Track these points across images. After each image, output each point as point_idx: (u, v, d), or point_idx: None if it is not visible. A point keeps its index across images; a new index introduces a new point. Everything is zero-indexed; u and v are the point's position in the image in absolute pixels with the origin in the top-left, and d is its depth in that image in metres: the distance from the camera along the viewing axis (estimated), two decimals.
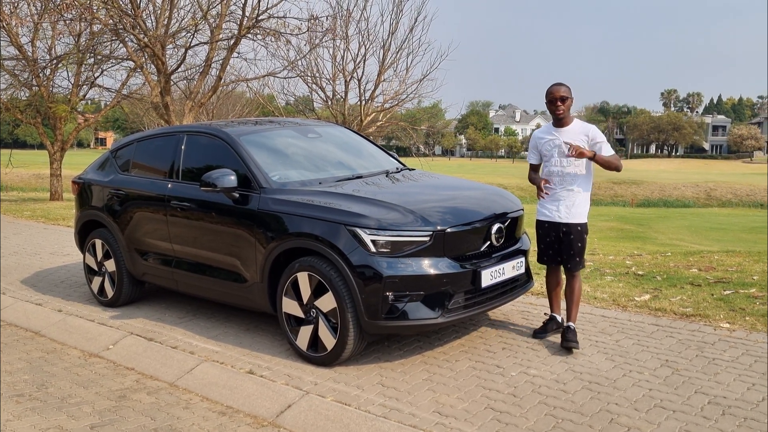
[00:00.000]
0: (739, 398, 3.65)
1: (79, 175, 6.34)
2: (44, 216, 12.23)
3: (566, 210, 4.47)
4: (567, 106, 4.43)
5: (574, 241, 4.47)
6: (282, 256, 4.41)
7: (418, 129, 21.01)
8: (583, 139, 4.41)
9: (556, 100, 4.40)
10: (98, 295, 5.90)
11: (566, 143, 4.37)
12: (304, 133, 5.58)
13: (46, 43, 16.76)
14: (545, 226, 4.59)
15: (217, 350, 4.63)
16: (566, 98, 4.40)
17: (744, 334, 4.66)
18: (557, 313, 4.74)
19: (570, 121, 4.49)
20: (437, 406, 3.65)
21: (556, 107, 4.42)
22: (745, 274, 6.46)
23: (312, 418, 3.65)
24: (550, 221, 4.54)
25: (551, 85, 4.48)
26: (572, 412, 3.52)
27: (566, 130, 4.46)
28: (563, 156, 4.43)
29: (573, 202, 4.46)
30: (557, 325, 4.69)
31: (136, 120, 30.24)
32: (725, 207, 36.58)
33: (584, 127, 4.48)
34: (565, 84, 4.47)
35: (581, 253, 4.51)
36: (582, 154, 4.30)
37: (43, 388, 4.23)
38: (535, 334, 4.70)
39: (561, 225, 4.49)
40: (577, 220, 4.47)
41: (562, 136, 4.45)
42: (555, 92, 4.41)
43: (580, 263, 4.53)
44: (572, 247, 4.47)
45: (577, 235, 4.47)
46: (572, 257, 4.50)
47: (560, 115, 4.43)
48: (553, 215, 4.51)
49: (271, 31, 13.65)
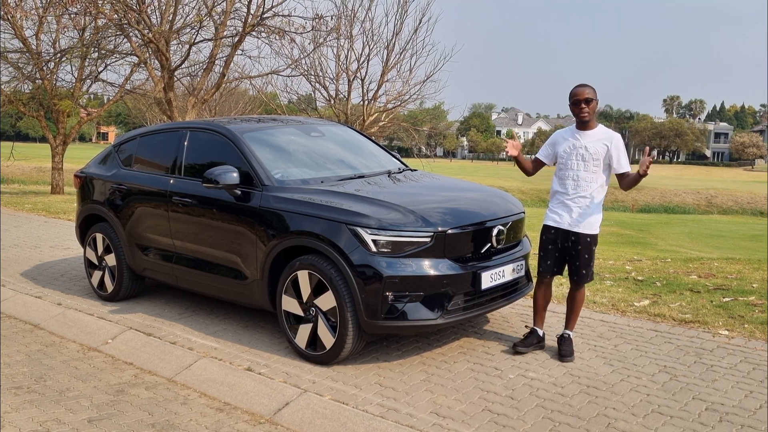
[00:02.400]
0: (736, 405, 3.65)
1: (81, 169, 6.35)
2: (45, 209, 12.24)
3: (577, 218, 4.23)
4: (592, 109, 4.19)
5: (581, 252, 4.25)
6: (282, 254, 4.42)
7: (420, 130, 21.00)
8: (605, 146, 4.19)
9: (580, 102, 4.17)
10: (98, 289, 5.91)
11: (645, 151, 4.11)
12: (306, 132, 5.58)
13: (50, 36, 16.77)
14: (551, 233, 4.34)
15: (216, 347, 4.63)
16: (591, 100, 4.17)
17: (743, 341, 4.66)
18: (539, 327, 4.51)
19: (594, 126, 4.27)
20: (435, 406, 3.65)
21: (580, 110, 4.19)
22: (745, 282, 6.46)
23: (309, 416, 3.65)
24: (558, 227, 4.31)
25: (576, 86, 4.24)
26: (570, 416, 3.52)
27: (589, 134, 4.25)
28: (581, 160, 4.22)
29: (585, 211, 4.23)
30: (538, 340, 4.48)
31: (139, 115, 30.26)
32: (726, 214, 36.57)
33: (608, 134, 4.24)
34: (590, 85, 4.22)
35: (588, 265, 4.28)
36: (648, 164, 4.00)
37: (41, 381, 4.23)
38: (515, 348, 4.42)
39: (569, 233, 4.27)
40: (587, 230, 4.24)
41: (584, 139, 4.23)
42: (580, 94, 4.18)
43: (587, 276, 4.30)
44: (578, 258, 4.25)
45: (585, 246, 4.25)
46: (578, 269, 4.28)
47: (585, 118, 4.20)
48: (563, 222, 4.28)
49: (275, 29, 13.66)
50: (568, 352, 4.35)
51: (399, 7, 16.57)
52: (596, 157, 4.21)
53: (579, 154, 4.24)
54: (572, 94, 4.23)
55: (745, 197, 42.86)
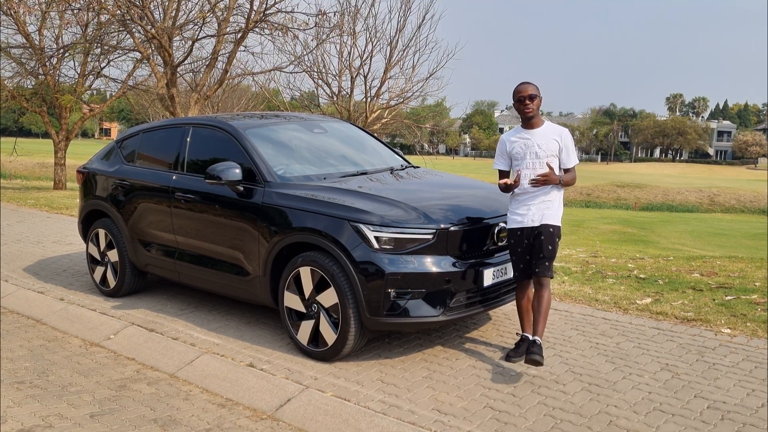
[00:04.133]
0: (738, 404, 3.65)
1: (84, 164, 6.36)
2: (48, 205, 12.25)
3: (539, 213, 4.12)
4: (536, 105, 4.13)
5: (545, 242, 4.08)
6: (285, 251, 4.42)
7: (423, 127, 20.99)
8: (555, 141, 4.14)
9: (524, 99, 4.09)
10: (100, 284, 5.92)
11: (536, 177, 4.05)
12: (309, 128, 5.57)
13: (53, 32, 16.78)
14: (517, 234, 4.18)
15: (218, 342, 4.64)
16: (535, 96, 4.09)
17: (745, 339, 4.66)
18: (529, 333, 4.24)
19: (541, 123, 4.19)
20: (436, 403, 3.65)
21: (524, 106, 4.11)
22: (747, 280, 6.45)
23: (311, 412, 3.66)
24: (522, 227, 4.16)
25: (519, 83, 4.18)
26: (571, 413, 3.52)
27: (538, 132, 4.16)
28: (536, 158, 4.13)
29: (546, 206, 4.13)
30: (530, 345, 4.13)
31: (141, 111, 30.27)
32: (728, 213, 36.53)
33: (556, 130, 4.18)
34: (532, 83, 4.17)
35: (551, 257, 4.11)
36: (546, 181, 4.04)
37: (43, 376, 4.24)
38: (508, 358, 4.24)
39: (533, 229, 4.13)
40: (549, 221, 4.12)
41: (534, 137, 4.15)
42: (523, 91, 4.11)
43: (549, 269, 4.10)
44: (542, 250, 4.08)
45: (548, 236, 4.09)
46: (541, 261, 4.08)
47: (529, 114, 4.13)
48: (525, 220, 4.15)
49: (278, 26, 13.64)
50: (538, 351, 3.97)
51: (402, 4, 16.56)
52: (549, 153, 4.14)
53: (533, 152, 4.15)
54: (515, 91, 4.16)
55: (748, 196, 42.78)
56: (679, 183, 49.37)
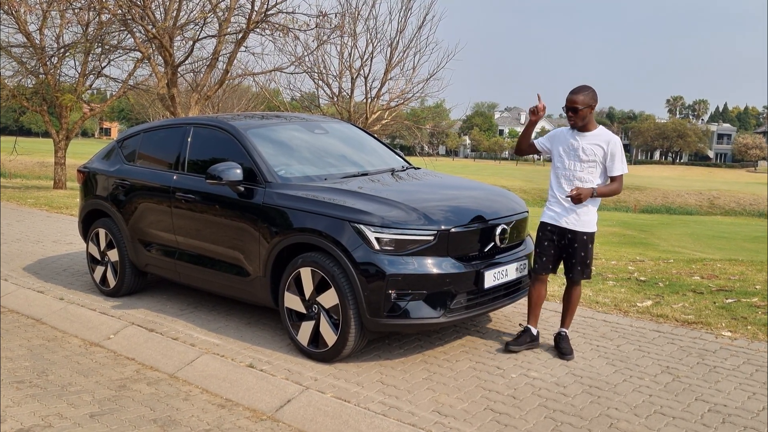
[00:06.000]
0: (739, 407, 3.64)
1: (84, 164, 6.35)
2: (47, 204, 12.24)
3: (575, 217, 4.26)
4: (580, 117, 4.18)
5: (578, 249, 4.27)
6: (285, 251, 4.41)
7: (423, 128, 20.99)
8: (601, 147, 4.21)
9: (568, 110, 4.20)
10: (100, 284, 5.91)
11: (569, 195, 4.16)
12: (310, 129, 5.57)
13: (54, 31, 16.76)
14: (547, 229, 4.36)
15: (218, 343, 4.63)
16: (578, 110, 4.15)
17: (745, 342, 4.65)
18: (533, 326, 4.50)
19: (594, 127, 4.26)
20: (437, 405, 3.65)
21: (568, 117, 4.23)
22: (748, 283, 6.44)
23: (311, 413, 3.65)
24: (554, 224, 4.34)
25: (571, 91, 4.23)
26: (572, 416, 3.52)
27: (588, 136, 4.25)
28: (578, 161, 4.25)
29: (582, 209, 4.26)
30: (531, 338, 4.47)
31: (142, 111, 30.27)
32: (728, 215, 36.54)
33: (606, 137, 4.24)
34: (585, 91, 4.19)
35: (584, 262, 4.30)
36: (579, 199, 4.13)
37: (43, 376, 4.23)
38: (507, 347, 4.42)
39: (566, 231, 4.30)
40: (584, 228, 4.27)
41: (583, 141, 4.25)
42: (569, 102, 4.19)
43: (583, 273, 4.32)
44: (575, 256, 4.28)
45: (582, 244, 4.28)
46: (574, 266, 4.31)
47: (572, 125, 4.25)
48: (560, 220, 4.30)
49: (279, 26, 13.65)
50: (568, 350, 4.36)
51: (403, 5, 16.56)
52: (592, 158, 4.23)
53: (576, 155, 4.27)
54: (566, 99, 4.23)
55: (748, 199, 42.76)
56: (678, 185, 49.35)
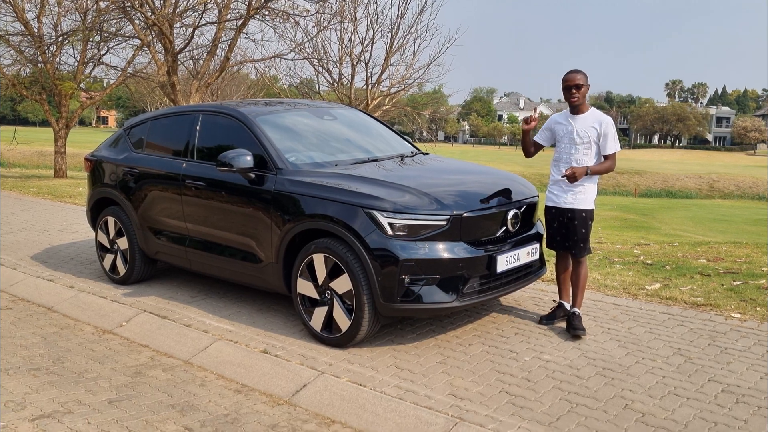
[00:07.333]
0: (752, 387, 3.67)
1: (92, 152, 6.34)
2: (51, 193, 12.23)
3: (572, 196, 4.50)
4: (582, 94, 4.43)
5: (578, 227, 4.50)
6: (297, 238, 4.42)
7: (422, 114, 20.93)
8: (594, 129, 4.43)
9: (570, 88, 4.41)
10: (110, 272, 5.92)
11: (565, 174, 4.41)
12: (319, 115, 5.56)
13: (52, 19, 16.66)
14: (552, 212, 4.62)
15: (231, 329, 4.66)
16: (581, 86, 4.40)
17: (755, 324, 4.68)
18: (566, 301, 4.75)
19: (586, 109, 4.51)
20: (452, 388, 3.68)
21: (570, 94, 4.43)
22: (754, 266, 6.47)
23: (328, 397, 3.68)
24: (557, 206, 4.58)
25: (567, 72, 4.48)
26: (587, 398, 3.55)
27: (580, 118, 4.48)
28: (573, 144, 4.48)
29: (579, 189, 4.49)
30: (564, 313, 4.71)
31: (141, 99, 30.15)
32: (728, 199, 36.57)
33: (598, 118, 4.47)
34: (581, 71, 4.47)
35: (585, 239, 4.53)
36: (575, 177, 4.36)
37: (59, 363, 4.26)
38: (542, 321, 4.74)
39: (566, 210, 4.53)
40: (581, 206, 4.50)
41: (576, 124, 4.48)
42: (570, 80, 4.42)
43: (585, 249, 4.55)
44: (576, 233, 4.51)
45: (581, 221, 4.50)
46: (576, 243, 4.53)
47: (575, 102, 4.46)
48: (560, 201, 4.55)
49: (279, 12, 13.58)
50: (580, 327, 4.45)
51: None
52: (586, 139, 4.46)
53: (571, 138, 4.50)
54: (564, 79, 4.47)
55: (747, 182, 42.81)
56: (678, 169, 49.38)
